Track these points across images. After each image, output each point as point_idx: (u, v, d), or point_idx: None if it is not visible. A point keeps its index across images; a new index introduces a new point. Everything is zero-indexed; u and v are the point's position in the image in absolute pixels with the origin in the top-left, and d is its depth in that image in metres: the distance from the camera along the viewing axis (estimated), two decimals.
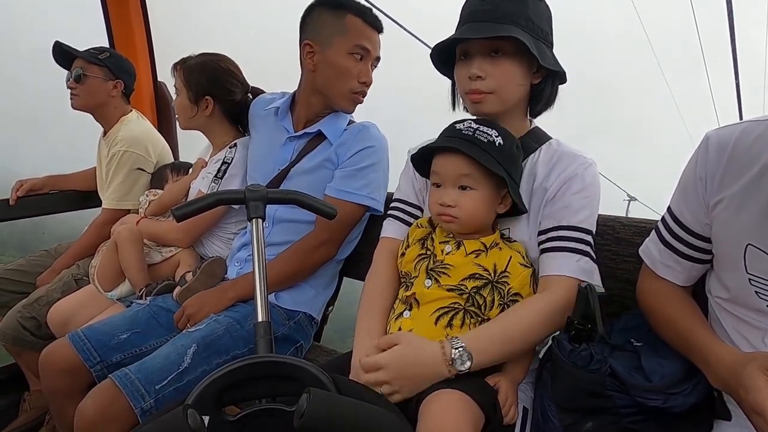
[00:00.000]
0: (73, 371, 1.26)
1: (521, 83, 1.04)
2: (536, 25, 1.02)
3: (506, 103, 1.05)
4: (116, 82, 1.92)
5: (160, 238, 1.68)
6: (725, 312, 0.91)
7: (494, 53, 1.02)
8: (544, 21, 1.04)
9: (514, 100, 1.06)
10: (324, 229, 1.40)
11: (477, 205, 1.00)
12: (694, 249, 0.94)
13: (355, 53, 1.35)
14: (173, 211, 1.10)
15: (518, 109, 1.10)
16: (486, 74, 1.02)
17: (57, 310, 1.64)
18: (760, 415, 0.69)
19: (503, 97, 1.04)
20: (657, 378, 0.87)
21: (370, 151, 1.41)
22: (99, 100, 1.92)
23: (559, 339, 0.92)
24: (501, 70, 1.02)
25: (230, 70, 1.64)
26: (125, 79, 1.95)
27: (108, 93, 1.91)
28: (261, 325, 0.99)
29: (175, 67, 1.65)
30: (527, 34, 0.99)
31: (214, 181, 1.58)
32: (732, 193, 0.84)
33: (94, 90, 1.89)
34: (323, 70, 1.38)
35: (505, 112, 1.07)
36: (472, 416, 0.86)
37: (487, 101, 1.04)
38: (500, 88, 1.02)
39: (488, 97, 1.03)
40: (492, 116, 1.07)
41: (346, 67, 1.36)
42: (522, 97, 1.07)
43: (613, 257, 1.24)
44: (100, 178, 2.03)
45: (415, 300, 1.02)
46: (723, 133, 0.87)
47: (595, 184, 1.05)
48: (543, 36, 1.03)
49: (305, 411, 0.60)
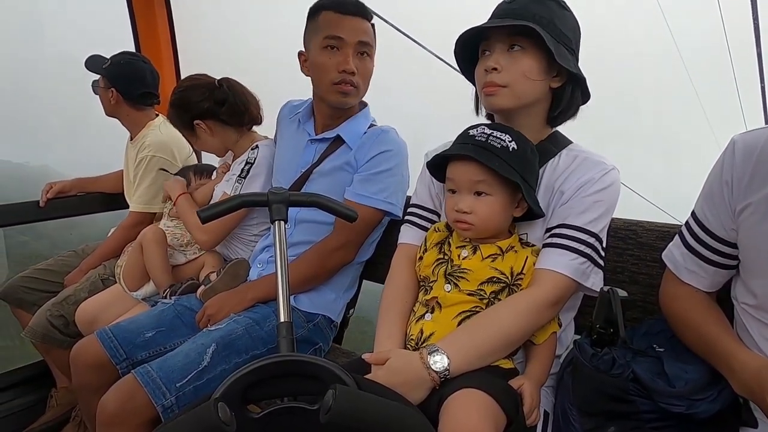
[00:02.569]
0: (101, 367, 1.30)
1: (537, 79, 1.03)
2: (559, 29, 1.02)
3: (520, 98, 1.04)
4: (110, 90, 1.96)
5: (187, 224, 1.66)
6: (752, 318, 0.90)
7: (512, 48, 1.03)
8: (568, 29, 1.04)
9: (528, 97, 1.05)
10: (342, 233, 1.41)
11: (493, 211, 1.00)
12: (719, 254, 0.93)
13: (328, 45, 1.35)
14: (199, 213, 1.13)
15: (536, 111, 1.09)
16: (501, 67, 1.03)
17: (84, 309, 1.69)
18: None
19: (517, 91, 1.03)
20: (681, 384, 0.86)
21: (388, 155, 1.41)
22: (108, 108, 2.01)
23: (581, 343, 0.92)
24: (517, 64, 1.02)
25: (191, 87, 1.65)
26: (120, 86, 1.96)
27: (109, 101, 1.98)
28: (283, 325, 1.01)
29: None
30: (547, 33, 1.00)
31: (238, 181, 1.61)
32: (759, 198, 0.83)
33: (102, 99, 2.00)
34: (312, 73, 1.43)
35: (521, 113, 1.07)
36: (493, 417, 0.86)
37: (501, 95, 1.04)
38: (514, 82, 1.02)
39: (502, 90, 1.03)
40: (507, 113, 1.07)
41: (322, 62, 1.37)
42: (539, 98, 1.07)
43: (635, 262, 1.23)
44: (128, 181, 2.09)
45: (438, 303, 1.02)
46: (750, 137, 0.86)
47: (612, 189, 1.04)
48: (565, 40, 1.03)
49: (331, 407, 0.61)
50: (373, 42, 1.40)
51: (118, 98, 1.97)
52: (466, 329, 0.97)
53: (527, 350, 1.06)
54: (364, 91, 1.44)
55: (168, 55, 2.39)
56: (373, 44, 1.40)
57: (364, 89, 1.44)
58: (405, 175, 1.46)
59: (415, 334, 1.02)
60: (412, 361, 0.92)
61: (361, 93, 1.43)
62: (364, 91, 1.44)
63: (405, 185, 1.46)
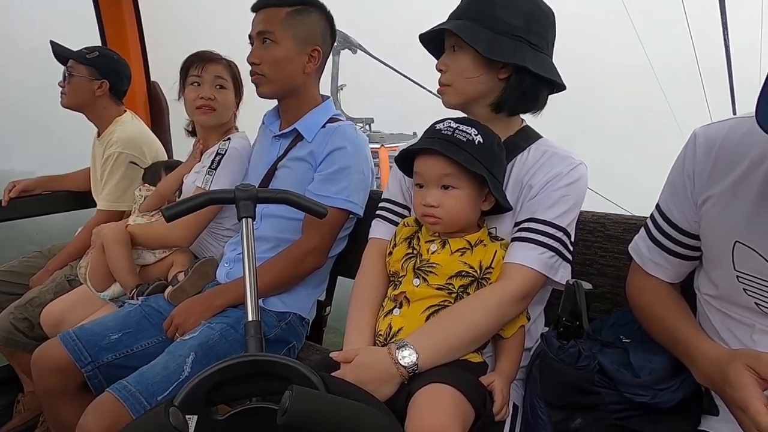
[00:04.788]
0: (65, 371, 1.26)
1: (475, 75, 1.06)
2: (499, 19, 1.03)
3: (464, 95, 1.09)
4: (101, 82, 1.91)
5: (161, 241, 1.63)
6: (714, 309, 0.92)
7: (454, 48, 1.08)
8: (514, 15, 1.04)
9: (472, 93, 1.08)
10: (312, 238, 1.40)
11: (460, 205, 1.00)
12: (683, 246, 0.94)
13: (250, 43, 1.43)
14: (163, 212, 1.10)
15: (486, 104, 1.10)
16: (447, 67, 1.09)
17: (50, 311, 1.64)
18: (744, 411, 0.70)
19: (458, 89, 1.09)
20: (645, 374, 0.87)
21: (344, 152, 1.40)
22: (84, 99, 1.92)
23: (548, 336, 0.93)
24: (456, 63, 1.08)
25: None
26: (112, 79, 1.93)
27: (93, 93, 1.91)
28: (251, 324, 0.99)
29: (212, 59, 1.65)
30: (483, 28, 1.02)
31: (209, 173, 1.58)
32: (720, 190, 0.85)
33: (78, 89, 1.90)
34: None
35: (475, 106, 1.10)
36: (461, 411, 0.86)
37: (447, 93, 1.11)
38: (455, 80, 1.08)
39: (447, 89, 1.10)
40: (457, 109, 1.12)
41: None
42: (486, 92, 1.08)
43: (603, 254, 1.25)
44: (95, 179, 2.03)
45: (406, 298, 1.02)
46: (711, 130, 0.88)
47: (579, 184, 1.05)
48: (508, 30, 1.03)
49: (288, 408, 0.60)
50: (277, 27, 1.37)
51: (105, 91, 1.93)
52: (435, 324, 0.97)
53: (496, 345, 1.06)
54: (275, 78, 1.41)
55: (136, 51, 2.33)
56: (275, 30, 1.37)
57: (275, 76, 1.41)
58: (366, 173, 1.45)
59: (384, 330, 1.01)
60: (381, 357, 0.92)
61: (270, 80, 1.41)
62: (275, 78, 1.41)
63: (366, 183, 1.45)
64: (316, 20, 1.42)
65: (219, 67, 1.64)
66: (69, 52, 1.90)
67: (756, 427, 0.67)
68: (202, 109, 1.63)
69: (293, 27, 1.38)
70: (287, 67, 1.40)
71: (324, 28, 1.44)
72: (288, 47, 1.39)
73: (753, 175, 0.80)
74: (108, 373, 1.28)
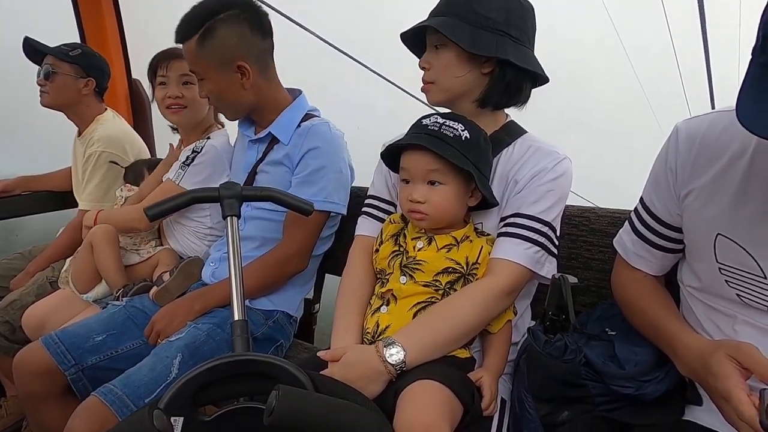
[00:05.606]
0: (47, 375, 1.24)
1: (460, 73, 1.06)
2: (479, 14, 1.03)
3: (449, 91, 1.09)
4: (87, 80, 1.88)
5: (120, 225, 1.62)
6: (697, 300, 0.93)
7: (438, 45, 1.08)
8: (493, 10, 1.04)
9: (457, 89, 1.08)
10: (291, 241, 1.38)
11: (447, 200, 1.00)
12: (666, 239, 0.95)
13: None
14: (146, 211, 1.08)
15: (471, 99, 1.10)
16: (430, 65, 1.09)
17: (32, 313, 1.60)
18: (727, 401, 0.70)
19: (443, 86, 1.09)
20: (630, 366, 0.88)
21: (318, 152, 1.35)
22: (69, 98, 1.87)
23: (535, 330, 0.93)
24: (439, 60, 1.08)
25: None
26: (97, 77, 1.90)
27: (79, 91, 1.87)
28: (237, 323, 0.98)
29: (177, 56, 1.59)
30: (464, 24, 1.02)
31: (181, 168, 1.56)
32: (702, 183, 0.86)
33: (63, 88, 1.85)
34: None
35: (460, 101, 1.10)
36: (449, 407, 0.86)
37: (431, 91, 1.11)
38: (439, 77, 1.08)
39: (432, 86, 1.10)
40: (443, 105, 1.12)
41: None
42: (471, 87, 1.08)
43: (589, 248, 1.26)
44: (76, 179, 2.00)
45: (393, 296, 1.02)
46: (692, 124, 0.89)
47: (564, 178, 1.06)
48: (488, 24, 1.03)
49: (274, 408, 0.60)
50: (196, 62, 1.31)
51: (91, 90, 1.89)
52: (422, 321, 0.97)
53: (483, 340, 1.07)
54: (227, 107, 1.43)
55: (116, 47, 2.29)
56: (196, 66, 1.33)
57: (225, 106, 1.43)
58: (344, 170, 1.41)
59: (371, 327, 1.01)
60: (369, 355, 0.92)
61: (225, 109, 1.46)
62: (227, 107, 1.43)
63: (345, 180, 1.42)
64: (225, 35, 1.28)
65: (184, 63, 1.53)
66: (48, 48, 1.85)
67: (738, 416, 0.68)
68: (172, 108, 1.61)
69: (207, 55, 1.29)
70: (227, 95, 1.35)
71: (239, 34, 1.29)
72: (214, 78, 1.32)
73: (733, 169, 0.82)
74: (92, 375, 1.26)
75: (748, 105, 0.62)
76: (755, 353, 0.71)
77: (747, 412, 0.67)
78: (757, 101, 0.61)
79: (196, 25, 1.28)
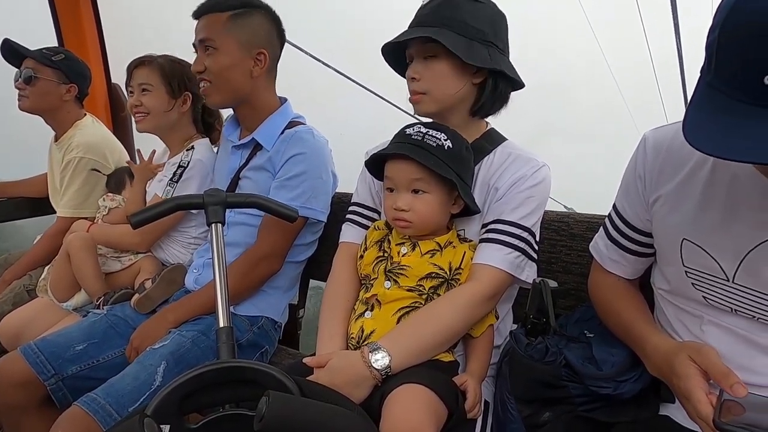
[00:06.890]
0: (27, 385, 1.22)
1: (454, 83, 1.08)
2: (471, 26, 1.05)
3: (441, 102, 1.09)
4: (70, 86, 1.85)
5: (116, 244, 1.63)
6: (667, 302, 0.96)
7: (428, 56, 1.08)
8: (482, 22, 1.06)
9: (449, 99, 1.09)
10: (265, 243, 1.38)
11: (430, 208, 1.02)
12: (637, 244, 0.99)
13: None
14: (129, 218, 1.08)
15: (465, 108, 1.12)
16: (420, 75, 1.08)
17: (8, 322, 1.58)
18: (687, 400, 0.74)
19: (436, 97, 1.09)
20: (608, 367, 0.91)
21: (300, 158, 1.36)
22: (50, 103, 1.84)
23: (516, 333, 0.96)
24: (432, 71, 1.08)
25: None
26: (79, 83, 1.88)
27: (60, 97, 1.84)
28: (223, 330, 0.98)
29: (138, 64, 1.60)
30: (458, 35, 1.03)
31: (170, 185, 1.55)
32: (668, 190, 0.89)
33: (45, 93, 1.82)
34: None
35: (451, 112, 1.11)
36: (434, 411, 0.87)
37: (423, 101, 1.10)
38: (432, 88, 1.08)
39: (423, 97, 1.09)
40: (433, 116, 1.12)
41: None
42: (463, 97, 1.10)
43: (568, 252, 1.29)
44: (53, 185, 1.96)
45: (377, 301, 1.03)
46: (659, 133, 0.92)
47: (543, 185, 1.09)
48: (479, 36, 1.06)
49: (265, 414, 0.60)
50: (219, 34, 1.32)
51: (73, 96, 1.86)
52: (407, 325, 0.99)
53: (466, 344, 1.09)
54: (221, 87, 1.36)
55: (95, 51, 2.26)
56: (216, 36, 1.32)
57: (221, 84, 1.35)
58: (324, 177, 1.41)
59: (356, 333, 1.02)
60: (354, 361, 0.93)
61: (217, 89, 1.36)
62: (221, 87, 1.36)
63: (325, 187, 1.42)
64: (259, 22, 1.36)
65: (144, 71, 1.58)
66: (29, 51, 1.81)
67: (697, 415, 0.72)
68: (136, 116, 1.61)
69: (236, 31, 1.33)
70: (232, 74, 1.34)
71: (269, 29, 1.39)
72: (231, 53, 1.33)
73: (696, 176, 0.85)
74: (73, 385, 1.25)
75: (694, 122, 0.65)
76: (713, 356, 0.74)
77: (704, 411, 0.70)
78: (697, 120, 0.65)
79: (235, 4, 1.34)
